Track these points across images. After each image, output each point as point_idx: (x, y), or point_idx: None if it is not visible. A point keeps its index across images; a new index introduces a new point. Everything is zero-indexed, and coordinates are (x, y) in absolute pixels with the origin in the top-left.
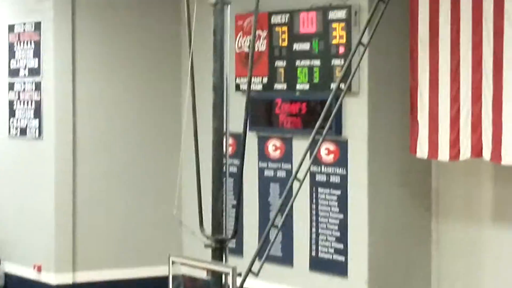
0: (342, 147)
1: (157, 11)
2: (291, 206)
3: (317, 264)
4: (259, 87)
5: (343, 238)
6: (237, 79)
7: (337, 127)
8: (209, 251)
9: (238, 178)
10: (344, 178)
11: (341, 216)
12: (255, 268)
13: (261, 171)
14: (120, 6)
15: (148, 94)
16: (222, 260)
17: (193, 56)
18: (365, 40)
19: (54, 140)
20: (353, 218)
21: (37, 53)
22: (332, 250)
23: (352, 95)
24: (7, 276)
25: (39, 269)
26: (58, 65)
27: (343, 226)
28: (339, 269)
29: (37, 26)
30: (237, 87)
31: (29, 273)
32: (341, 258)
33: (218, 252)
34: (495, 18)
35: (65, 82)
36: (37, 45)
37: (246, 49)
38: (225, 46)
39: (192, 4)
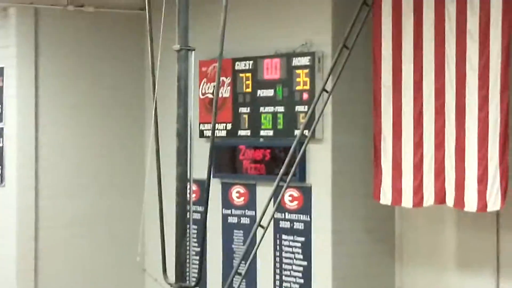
0: (306, 194)
1: (121, 58)
2: (255, 253)
3: None
4: (223, 133)
5: (306, 285)
6: (201, 125)
7: (301, 173)
8: None
9: (202, 225)
10: (308, 224)
11: (304, 263)
12: None
13: (224, 218)
14: (83, 53)
15: (112, 140)
16: None
17: (157, 102)
18: (329, 86)
19: (16, 186)
20: (317, 265)
21: None
22: None
23: (316, 142)
24: None
25: None
26: (20, 111)
27: (307, 273)
28: None
29: (0, 72)
30: (201, 133)
31: None
32: None
33: None
34: (457, 64)
35: (28, 129)
36: (0, 91)
37: (210, 95)
38: (189, 92)
39: (156, 50)
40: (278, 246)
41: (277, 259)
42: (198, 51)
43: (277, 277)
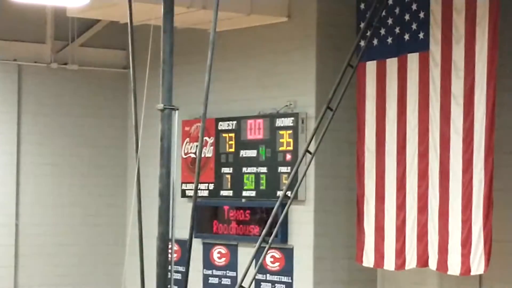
0: (288, 255)
1: (104, 116)
2: None
3: None
4: (205, 193)
5: None
6: (183, 185)
7: (283, 234)
8: None
9: (183, 285)
10: (289, 286)
11: None
12: None
13: (206, 278)
14: (66, 110)
15: (93, 199)
16: None
17: (139, 161)
18: (312, 148)
19: None
20: None
21: None
22: None
23: (299, 203)
24: None
25: None
26: (2, 168)
27: None
28: None
29: None
30: (183, 193)
31: None
32: None
33: None
34: (441, 127)
35: (9, 187)
36: None
37: (192, 155)
38: (172, 151)
39: (140, 109)
40: None
41: None
42: (181, 110)
43: None
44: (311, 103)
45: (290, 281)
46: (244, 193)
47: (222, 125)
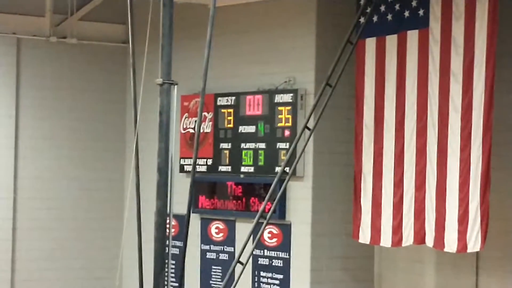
0: (286, 231)
1: (103, 90)
2: None
3: None
4: (203, 168)
5: None
6: (181, 160)
7: (281, 210)
8: None
9: (181, 260)
10: (287, 262)
11: None
12: None
13: (203, 253)
14: (65, 84)
15: (92, 173)
16: None
17: (138, 136)
18: (311, 124)
19: None
20: None
21: None
22: None
23: (297, 179)
24: None
25: None
26: (0, 141)
27: None
28: None
29: None
30: (182, 168)
31: None
32: None
33: None
34: (440, 104)
35: (7, 160)
36: None
37: (191, 130)
38: (171, 126)
39: (139, 83)
40: (256, 283)
41: None
42: (180, 85)
43: None
44: (310, 79)
45: (287, 256)
46: (243, 169)
47: (221, 101)
